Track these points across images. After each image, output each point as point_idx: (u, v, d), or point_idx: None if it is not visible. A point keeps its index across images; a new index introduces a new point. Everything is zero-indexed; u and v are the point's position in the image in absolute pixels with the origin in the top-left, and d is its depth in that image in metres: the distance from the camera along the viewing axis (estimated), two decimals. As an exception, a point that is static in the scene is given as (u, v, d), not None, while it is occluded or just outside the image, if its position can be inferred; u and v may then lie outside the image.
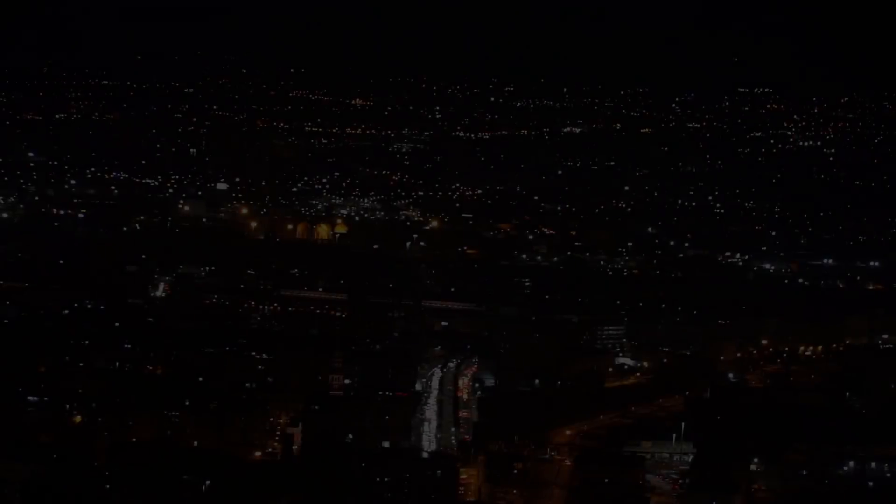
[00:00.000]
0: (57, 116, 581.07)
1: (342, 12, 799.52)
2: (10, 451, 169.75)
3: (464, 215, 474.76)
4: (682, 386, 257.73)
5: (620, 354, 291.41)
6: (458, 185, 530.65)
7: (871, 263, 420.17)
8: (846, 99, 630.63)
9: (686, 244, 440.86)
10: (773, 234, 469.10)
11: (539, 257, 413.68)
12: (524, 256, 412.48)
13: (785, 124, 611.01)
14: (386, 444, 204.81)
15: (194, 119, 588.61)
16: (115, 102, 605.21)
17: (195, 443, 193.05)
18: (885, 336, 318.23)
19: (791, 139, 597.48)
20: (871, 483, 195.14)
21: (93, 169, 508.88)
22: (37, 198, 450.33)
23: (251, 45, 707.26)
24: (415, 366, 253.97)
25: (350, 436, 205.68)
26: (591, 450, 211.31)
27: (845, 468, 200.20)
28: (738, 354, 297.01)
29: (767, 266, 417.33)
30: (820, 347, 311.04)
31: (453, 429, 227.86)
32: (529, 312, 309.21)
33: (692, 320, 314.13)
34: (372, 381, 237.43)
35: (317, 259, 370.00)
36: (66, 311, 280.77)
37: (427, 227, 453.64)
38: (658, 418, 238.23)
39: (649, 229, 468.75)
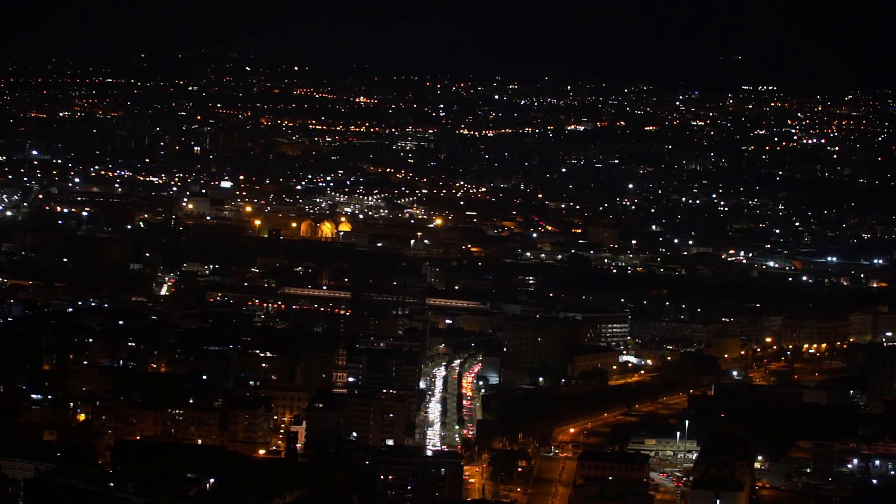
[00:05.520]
0: (61, 115, 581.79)
1: (346, 10, 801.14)
2: (14, 449, 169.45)
3: (468, 213, 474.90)
4: (687, 383, 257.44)
5: (625, 352, 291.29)
6: (462, 182, 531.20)
7: (875, 261, 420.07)
8: (850, 97, 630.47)
9: (690, 242, 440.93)
10: (777, 231, 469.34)
11: (543, 255, 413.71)
12: (528, 254, 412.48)
13: (789, 122, 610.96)
14: (390, 442, 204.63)
15: (198, 117, 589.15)
16: (119, 101, 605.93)
17: (199, 441, 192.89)
18: (889, 333, 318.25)
19: (795, 137, 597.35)
20: (874, 480, 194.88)
21: (97, 167, 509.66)
22: (41, 196, 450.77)
23: (255, 43, 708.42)
24: (419, 363, 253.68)
25: (354, 434, 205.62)
26: (595, 447, 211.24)
27: (849, 465, 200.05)
28: (742, 352, 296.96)
29: (771, 264, 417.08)
30: (824, 345, 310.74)
31: (457, 426, 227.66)
32: (534, 310, 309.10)
33: (696, 318, 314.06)
34: (376, 378, 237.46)
35: (321, 257, 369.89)
36: (71, 309, 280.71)
37: (431, 225, 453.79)
38: (662, 416, 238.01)
39: (653, 227, 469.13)
